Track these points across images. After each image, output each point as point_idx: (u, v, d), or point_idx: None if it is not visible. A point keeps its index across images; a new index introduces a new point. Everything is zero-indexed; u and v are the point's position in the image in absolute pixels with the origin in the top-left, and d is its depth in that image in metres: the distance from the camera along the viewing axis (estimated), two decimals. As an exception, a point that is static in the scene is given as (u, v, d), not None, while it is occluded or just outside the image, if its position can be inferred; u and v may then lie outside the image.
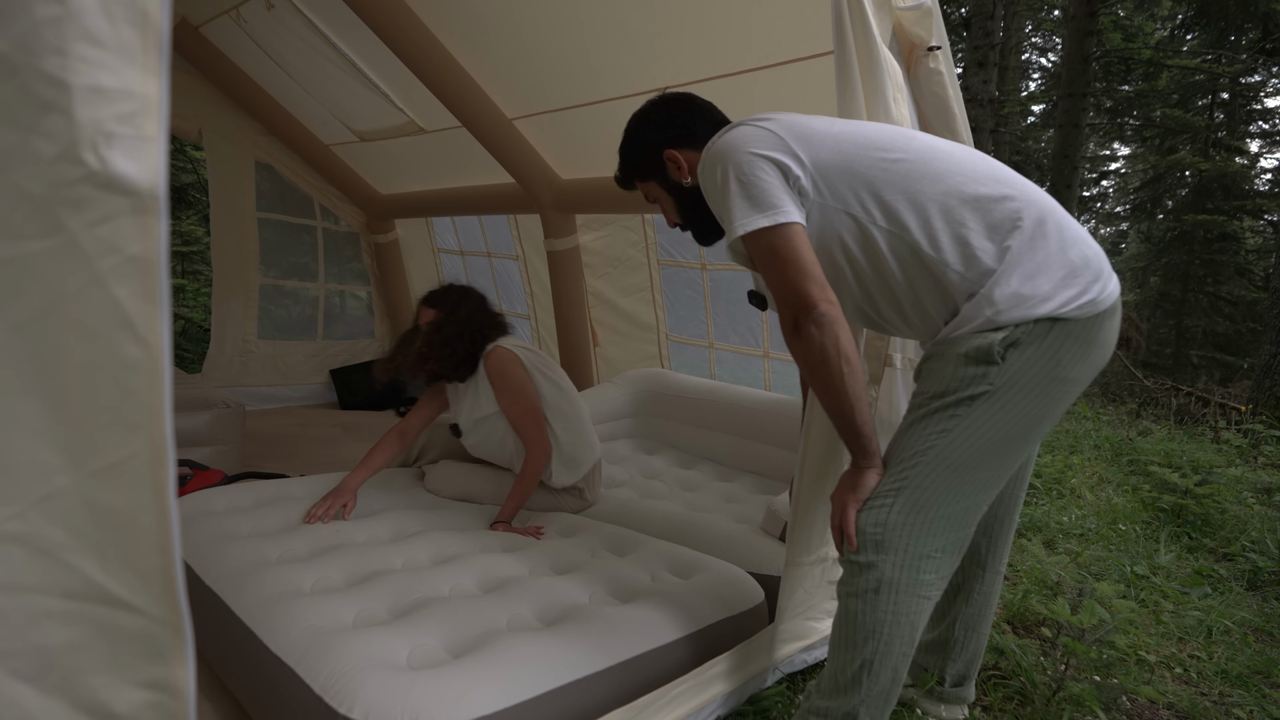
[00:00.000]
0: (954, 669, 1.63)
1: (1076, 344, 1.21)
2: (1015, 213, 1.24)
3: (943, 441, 1.24)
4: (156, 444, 0.74)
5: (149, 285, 0.71)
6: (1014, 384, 1.21)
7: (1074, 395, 1.26)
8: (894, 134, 1.34)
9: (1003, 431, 1.23)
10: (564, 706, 1.36)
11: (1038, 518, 3.12)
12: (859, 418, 1.26)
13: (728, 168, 1.27)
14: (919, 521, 1.25)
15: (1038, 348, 1.20)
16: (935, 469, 1.24)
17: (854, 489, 1.31)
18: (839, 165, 1.28)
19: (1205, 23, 10.42)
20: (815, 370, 1.23)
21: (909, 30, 1.81)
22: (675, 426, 3.32)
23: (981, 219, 1.23)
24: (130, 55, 0.68)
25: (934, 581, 1.30)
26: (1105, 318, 1.23)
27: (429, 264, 5.58)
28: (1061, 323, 1.20)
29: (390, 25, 3.15)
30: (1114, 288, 1.25)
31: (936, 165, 1.27)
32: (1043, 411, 1.24)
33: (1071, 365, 1.22)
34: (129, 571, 0.74)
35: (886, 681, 1.31)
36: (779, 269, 1.23)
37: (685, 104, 1.54)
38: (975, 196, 1.25)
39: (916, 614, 1.29)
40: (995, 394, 1.21)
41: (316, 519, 2.05)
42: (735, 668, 1.60)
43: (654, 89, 2.88)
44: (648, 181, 1.57)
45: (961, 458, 1.24)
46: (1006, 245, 1.22)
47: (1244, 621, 2.24)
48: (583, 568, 1.89)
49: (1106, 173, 16.81)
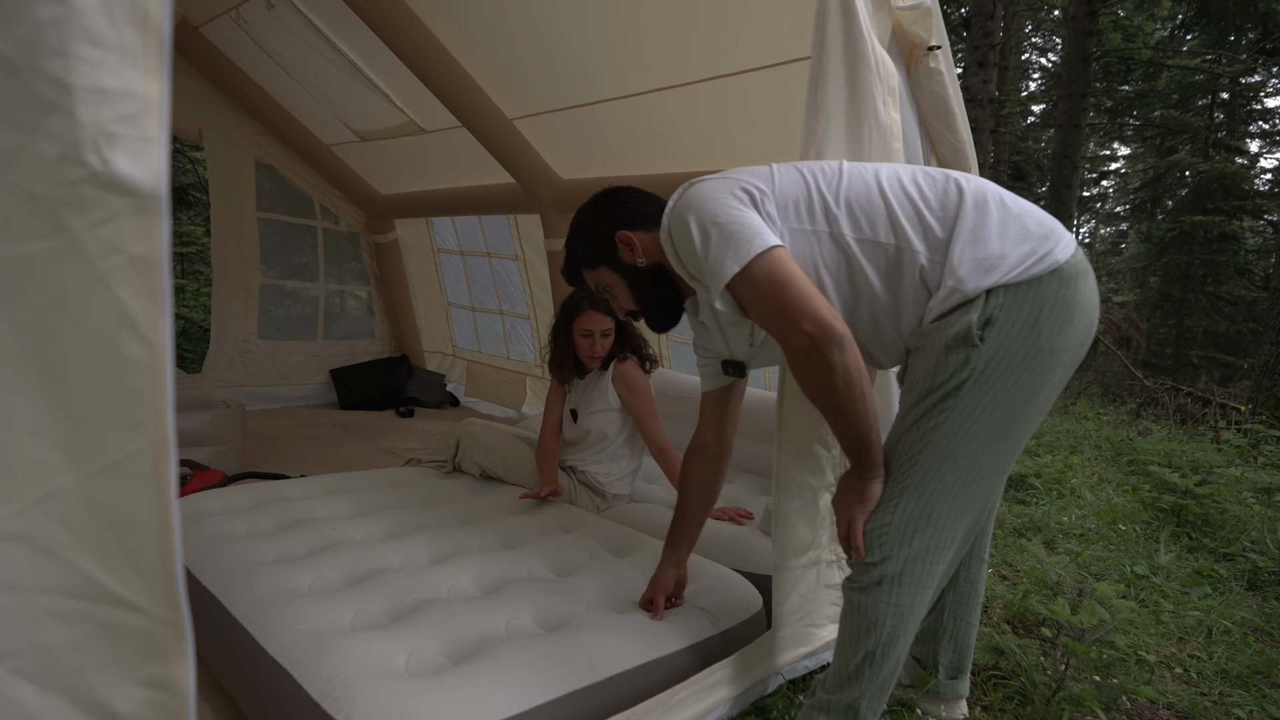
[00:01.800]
0: (947, 659, 1.63)
1: (1054, 310, 1.20)
2: (958, 189, 1.28)
3: (937, 436, 1.24)
4: (158, 443, 0.74)
5: (151, 285, 0.71)
6: (997, 362, 1.20)
7: (1065, 365, 1.24)
8: (826, 163, 1.38)
9: (996, 413, 1.22)
10: (563, 717, 1.35)
11: (1038, 518, 3.12)
12: (873, 433, 1.24)
13: (699, 216, 1.25)
14: (924, 519, 1.25)
15: (1014, 320, 1.19)
16: (935, 465, 1.24)
17: (861, 500, 1.30)
18: (797, 192, 1.30)
19: (1205, 23, 10.42)
20: (836, 396, 1.17)
21: (908, 30, 1.81)
22: (675, 426, 3.32)
23: (928, 199, 1.27)
24: (132, 56, 0.68)
25: (941, 573, 1.30)
26: (1077, 279, 1.21)
27: (429, 264, 5.59)
28: (1035, 291, 1.19)
29: (390, 25, 3.15)
30: (1074, 250, 1.23)
31: (878, 171, 1.33)
32: (1034, 385, 1.22)
33: (1055, 333, 1.20)
34: (130, 570, 0.74)
35: (888, 673, 1.32)
36: (778, 295, 1.17)
37: (632, 192, 1.53)
38: (918, 184, 1.29)
39: (921, 604, 1.30)
40: (979, 377, 1.21)
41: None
42: (736, 675, 1.59)
43: (654, 89, 2.89)
44: (598, 268, 1.52)
45: (960, 449, 1.24)
46: (954, 215, 1.25)
47: (1244, 621, 2.24)
48: (582, 570, 1.89)
49: (1106, 173, 16.81)
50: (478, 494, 2.50)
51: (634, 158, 3.39)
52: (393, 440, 4.27)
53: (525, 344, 5.07)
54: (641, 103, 2.99)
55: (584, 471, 2.56)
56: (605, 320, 2.47)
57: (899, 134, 1.71)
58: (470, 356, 5.60)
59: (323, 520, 2.13)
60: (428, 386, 5.43)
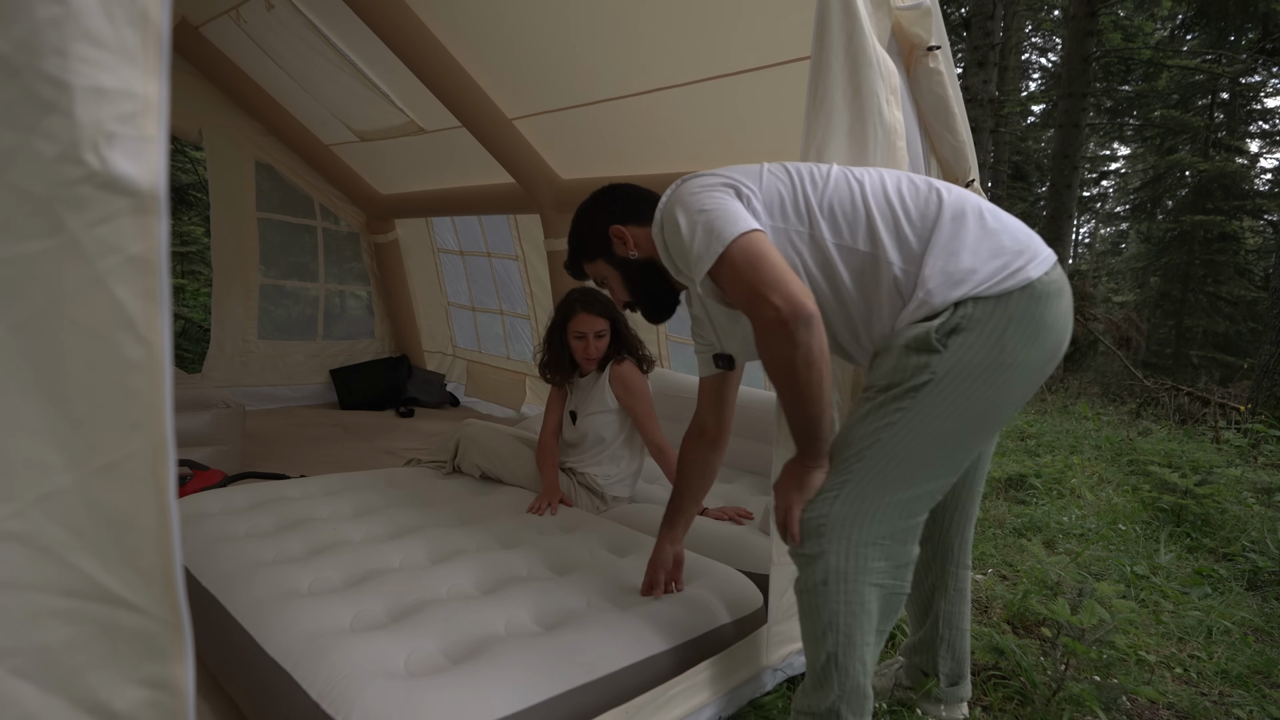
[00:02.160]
0: (946, 667, 1.64)
1: (1021, 327, 1.20)
2: (938, 201, 1.28)
3: (888, 434, 1.24)
4: (157, 443, 0.74)
5: (150, 285, 0.71)
6: (957, 371, 1.20)
7: (1027, 383, 1.24)
8: (816, 165, 1.41)
9: (951, 420, 1.23)
10: (562, 714, 1.35)
11: (1038, 518, 3.12)
12: (824, 420, 1.26)
13: (687, 207, 1.29)
14: (863, 511, 1.26)
15: (979, 332, 1.19)
16: (881, 461, 1.25)
17: (800, 487, 1.31)
18: (783, 192, 1.34)
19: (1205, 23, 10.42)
20: (795, 374, 1.19)
21: (908, 30, 1.81)
22: (674, 426, 3.32)
23: (909, 209, 1.28)
24: (130, 56, 0.68)
25: (886, 569, 1.29)
26: (1049, 298, 1.21)
27: (429, 264, 5.59)
28: (1003, 307, 1.19)
29: (390, 25, 3.15)
30: (1050, 268, 1.23)
31: (864, 177, 1.35)
32: (992, 398, 1.23)
33: (1018, 349, 1.20)
34: (129, 570, 0.74)
35: (858, 674, 1.31)
36: (752, 272, 1.19)
37: (628, 189, 1.62)
38: (901, 193, 1.31)
39: (873, 602, 1.29)
40: (939, 382, 1.21)
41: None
42: (729, 670, 1.59)
43: (653, 89, 2.89)
44: (595, 262, 1.61)
45: (908, 449, 1.24)
46: (931, 227, 1.25)
47: (1244, 621, 2.24)
48: (581, 568, 1.89)
49: (1106, 173, 16.82)
50: (478, 494, 2.50)
51: (634, 157, 3.39)
52: (393, 440, 4.27)
53: (525, 344, 5.07)
54: (642, 102, 2.99)
55: (584, 473, 2.56)
56: (599, 322, 2.49)
57: (903, 133, 1.71)
58: (470, 356, 5.60)
59: (323, 520, 2.12)
60: (428, 386, 5.43)
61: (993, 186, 11.02)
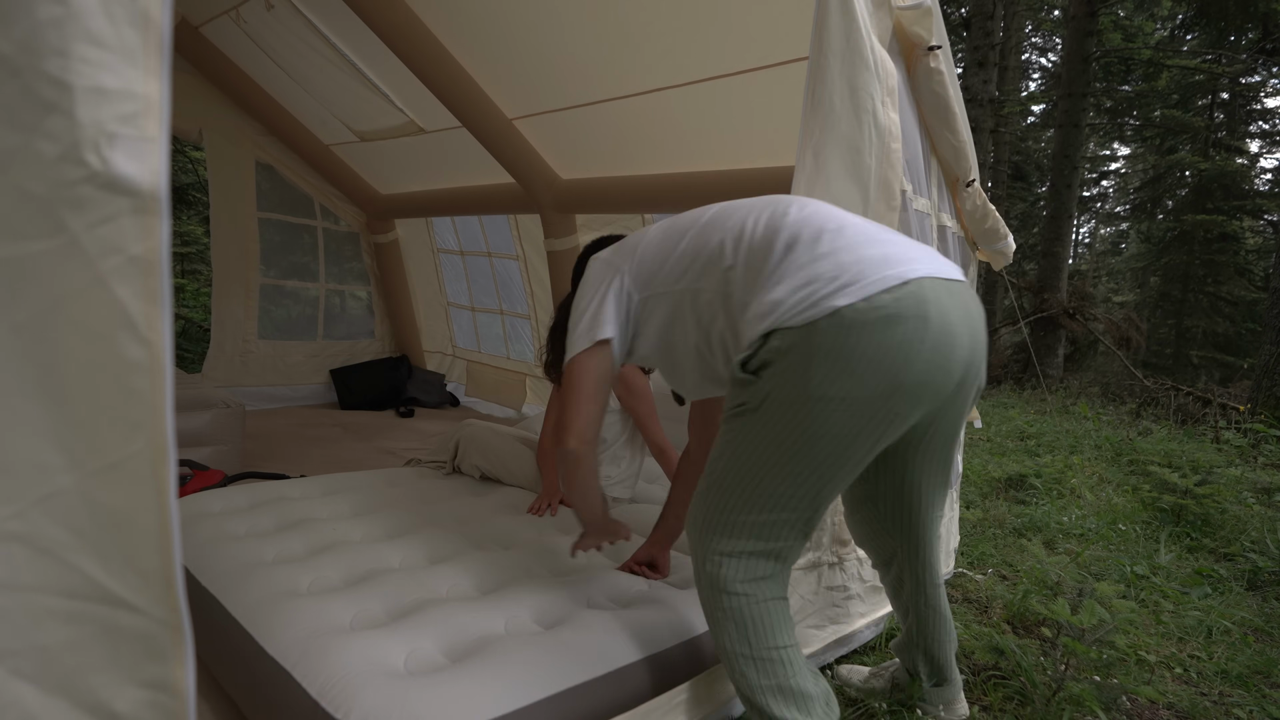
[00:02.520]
0: (925, 669, 1.65)
1: (827, 360, 1.13)
2: (777, 230, 1.28)
3: (728, 450, 1.28)
4: (157, 444, 0.74)
5: (150, 285, 0.71)
6: (769, 402, 1.20)
7: (857, 415, 1.16)
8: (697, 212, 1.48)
9: (773, 448, 1.21)
10: (562, 713, 1.35)
11: (1038, 518, 3.12)
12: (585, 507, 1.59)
13: (581, 294, 1.51)
14: (715, 520, 1.31)
15: (783, 365, 1.17)
16: (727, 473, 1.28)
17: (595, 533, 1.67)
18: (655, 255, 1.45)
19: (1205, 23, 10.42)
20: (567, 474, 1.51)
21: (908, 30, 1.81)
22: (675, 426, 3.32)
23: (755, 251, 1.28)
24: (131, 56, 0.68)
25: (744, 584, 1.29)
26: (865, 327, 1.12)
27: (429, 264, 5.59)
28: (806, 337, 1.14)
29: (390, 25, 3.15)
30: (868, 295, 1.13)
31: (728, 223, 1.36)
32: (812, 430, 1.17)
33: (828, 382, 1.14)
34: (129, 571, 0.74)
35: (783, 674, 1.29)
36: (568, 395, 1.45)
37: (611, 239, 1.78)
38: (754, 235, 1.30)
39: (744, 615, 1.29)
40: (754, 411, 1.22)
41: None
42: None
43: (654, 89, 2.89)
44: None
45: (744, 467, 1.26)
46: (762, 261, 1.26)
47: (1244, 621, 2.24)
48: (581, 569, 1.89)
49: (1106, 173, 16.83)
50: (477, 494, 2.50)
51: (634, 158, 3.39)
52: (393, 440, 4.27)
53: (525, 344, 5.07)
54: (642, 102, 2.99)
55: None
56: None
57: (898, 134, 1.71)
58: (470, 356, 5.60)
59: (322, 520, 2.13)
60: (428, 386, 5.43)
61: (993, 186, 11.02)
